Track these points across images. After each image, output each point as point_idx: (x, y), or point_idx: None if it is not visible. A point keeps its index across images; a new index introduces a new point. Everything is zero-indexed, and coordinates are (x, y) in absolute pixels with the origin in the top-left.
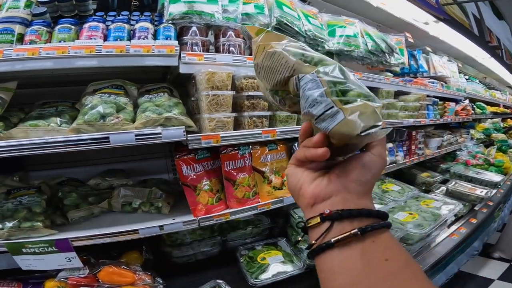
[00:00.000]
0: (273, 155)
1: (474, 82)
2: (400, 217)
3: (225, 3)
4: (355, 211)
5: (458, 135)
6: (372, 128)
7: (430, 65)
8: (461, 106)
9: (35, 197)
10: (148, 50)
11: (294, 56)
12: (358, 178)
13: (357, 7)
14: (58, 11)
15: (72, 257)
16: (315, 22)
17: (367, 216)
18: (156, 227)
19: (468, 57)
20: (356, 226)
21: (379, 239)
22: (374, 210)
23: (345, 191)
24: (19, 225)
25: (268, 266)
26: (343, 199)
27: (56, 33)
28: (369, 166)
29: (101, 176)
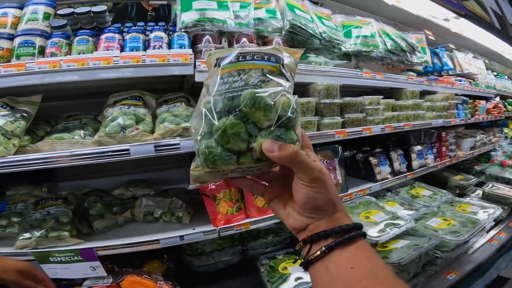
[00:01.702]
0: None
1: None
2: (433, 223)
3: (236, 9)
4: (322, 233)
5: (491, 134)
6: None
7: (455, 62)
8: (492, 104)
9: (62, 208)
10: (163, 60)
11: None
12: (313, 209)
13: (372, 6)
14: (78, 24)
15: (96, 266)
16: (329, 24)
17: (337, 233)
18: (176, 237)
19: (495, 53)
20: (328, 243)
21: (346, 251)
22: (343, 226)
23: (313, 219)
24: (46, 234)
25: (289, 276)
26: (315, 226)
27: (75, 45)
28: (309, 196)
29: (125, 186)
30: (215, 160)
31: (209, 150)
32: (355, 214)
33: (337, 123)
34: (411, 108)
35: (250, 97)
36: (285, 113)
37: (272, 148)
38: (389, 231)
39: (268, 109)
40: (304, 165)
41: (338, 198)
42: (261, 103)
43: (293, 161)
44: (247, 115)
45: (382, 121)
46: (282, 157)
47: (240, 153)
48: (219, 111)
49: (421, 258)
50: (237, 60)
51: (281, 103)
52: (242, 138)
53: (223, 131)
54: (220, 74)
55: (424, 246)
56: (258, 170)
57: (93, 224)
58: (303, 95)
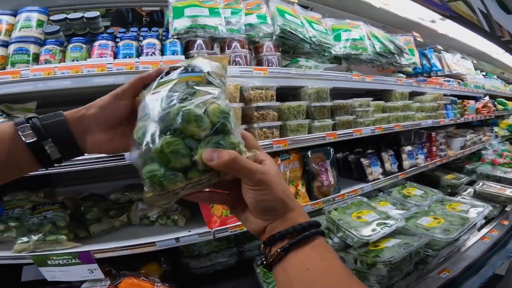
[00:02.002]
0: (286, 164)
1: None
2: (424, 222)
3: (227, 15)
4: (277, 235)
5: (482, 133)
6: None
7: (443, 63)
8: (481, 104)
9: (59, 212)
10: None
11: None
12: (264, 211)
13: (360, 10)
14: (71, 29)
15: (94, 268)
16: (319, 28)
17: (291, 233)
18: (172, 240)
19: (482, 53)
20: (283, 245)
21: (302, 251)
22: (297, 226)
23: (268, 220)
24: (44, 238)
25: None
26: (272, 227)
27: (69, 52)
28: (256, 199)
29: (121, 191)
30: (161, 181)
31: (152, 174)
32: (347, 214)
33: (328, 125)
34: (401, 109)
35: (178, 112)
36: (218, 119)
37: (210, 157)
38: (380, 230)
39: (200, 120)
40: (244, 169)
41: (289, 196)
42: (191, 116)
43: (232, 166)
44: (182, 131)
45: (372, 122)
46: (221, 164)
47: (186, 169)
48: (153, 134)
49: (412, 256)
50: (160, 78)
51: (212, 111)
52: (182, 154)
53: (160, 152)
54: (146, 97)
55: (414, 245)
56: (208, 181)
57: (90, 228)
58: (294, 99)
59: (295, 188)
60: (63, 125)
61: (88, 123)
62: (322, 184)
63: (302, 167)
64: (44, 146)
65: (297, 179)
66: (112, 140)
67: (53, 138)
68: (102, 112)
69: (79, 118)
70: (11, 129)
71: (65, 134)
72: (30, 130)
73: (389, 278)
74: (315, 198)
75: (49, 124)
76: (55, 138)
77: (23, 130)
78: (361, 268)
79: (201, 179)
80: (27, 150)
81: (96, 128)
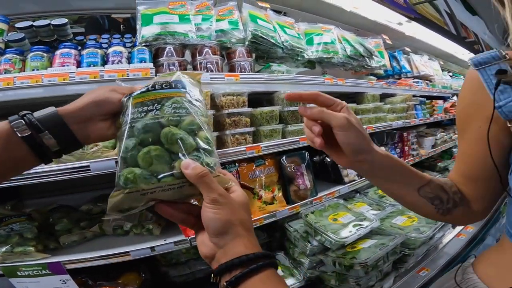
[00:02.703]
0: (261, 170)
1: (459, 78)
2: (399, 221)
3: (198, 22)
4: (224, 266)
5: (452, 132)
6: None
7: (412, 65)
8: (449, 103)
9: (26, 224)
10: (122, 75)
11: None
12: (214, 231)
13: (332, 14)
14: (38, 37)
15: (66, 279)
16: (292, 32)
17: (237, 265)
18: (147, 249)
19: (449, 54)
20: (230, 278)
21: (249, 283)
22: (242, 257)
23: (218, 245)
24: (12, 249)
25: None
26: (220, 254)
27: (29, 61)
28: (209, 217)
29: (93, 202)
30: (135, 178)
31: (130, 170)
32: (324, 217)
33: (302, 129)
34: (372, 111)
35: (169, 135)
36: (203, 145)
37: (187, 166)
38: (355, 231)
39: (185, 144)
40: (206, 185)
41: (244, 224)
42: (179, 140)
43: (200, 180)
44: (168, 148)
45: None
46: (192, 175)
47: (163, 175)
48: (138, 143)
49: (389, 256)
50: (147, 90)
51: (200, 136)
52: (165, 160)
53: (146, 153)
54: (133, 104)
55: (389, 245)
56: (179, 188)
57: (60, 239)
58: (268, 104)
59: (271, 193)
60: (57, 117)
61: (86, 113)
62: (299, 188)
63: (278, 172)
64: (42, 139)
65: (273, 184)
66: (111, 127)
67: (49, 130)
68: (99, 101)
69: (73, 111)
70: (6, 126)
71: (60, 125)
72: (24, 125)
73: (368, 279)
74: (292, 202)
75: (43, 117)
76: (52, 130)
77: (17, 125)
78: (340, 270)
79: (172, 184)
80: (24, 145)
81: (96, 116)
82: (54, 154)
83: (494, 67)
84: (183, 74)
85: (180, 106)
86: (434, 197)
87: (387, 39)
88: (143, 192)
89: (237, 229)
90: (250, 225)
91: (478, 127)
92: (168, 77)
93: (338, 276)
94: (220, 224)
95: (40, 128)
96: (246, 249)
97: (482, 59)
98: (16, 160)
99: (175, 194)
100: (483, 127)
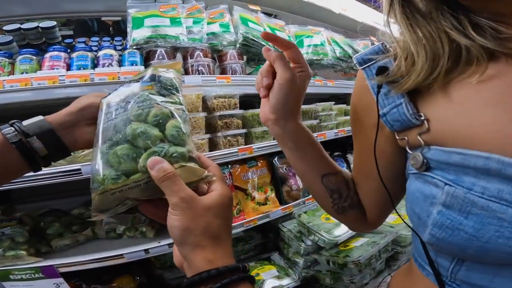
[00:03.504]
0: (254, 171)
1: None
2: (390, 219)
3: (189, 25)
4: (190, 280)
5: None
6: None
7: None
8: None
9: (17, 228)
10: (113, 78)
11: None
12: (176, 239)
13: (323, 16)
14: (26, 39)
15: (60, 283)
16: (282, 35)
17: (206, 279)
18: (141, 251)
19: None
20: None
21: None
22: (212, 271)
23: (183, 257)
24: (3, 253)
25: (263, 282)
26: (186, 266)
27: (18, 64)
28: (170, 224)
29: (85, 206)
30: (103, 180)
31: (96, 172)
32: (317, 216)
33: None
34: None
35: (131, 131)
36: (171, 134)
37: (152, 165)
38: (348, 230)
39: (151, 136)
40: (168, 188)
41: (208, 230)
42: (139, 134)
43: (161, 183)
44: (134, 143)
45: (335, 125)
46: (154, 177)
47: (131, 173)
48: (110, 142)
49: (380, 254)
50: (116, 89)
51: (169, 126)
52: (131, 157)
53: (113, 154)
54: (102, 108)
55: (381, 243)
56: (145, 184)
57: (52, 243)
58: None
59: (264, 194)
60: (44, 124)
61: (71, 118)
62: (291, 188)
63: (271, 173)
64: (31, 144)
65: (266, 185)
66: None
67: (37, 136)
68: (83, 107)
69: (59, 117)
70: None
71: (48, 131)
72: (14, 131)
73: (362, 277)
74: (285, 202)
75: (31, 124)
76: (40, 135)
77: (7, 132)
78: (334, 269)
79: (138, 180)
80: (15, 151)
81: (81, 121)
82: (43, 160)
83: (378, 64)
84: (157, 67)
85: (144, 99)
86: (335, 189)
87: (375, 41)
88: (112, 191)
89: (196, 238)
90: (219, 232)
91: (365, 136)
92: (141, 74)
93: (333, 274)
94: (178, 232)
95: (28, 134)
96: (208, 263)
97: (366, 55)
98: (6, 166)
99: (144, 191)
100: (371, 137)
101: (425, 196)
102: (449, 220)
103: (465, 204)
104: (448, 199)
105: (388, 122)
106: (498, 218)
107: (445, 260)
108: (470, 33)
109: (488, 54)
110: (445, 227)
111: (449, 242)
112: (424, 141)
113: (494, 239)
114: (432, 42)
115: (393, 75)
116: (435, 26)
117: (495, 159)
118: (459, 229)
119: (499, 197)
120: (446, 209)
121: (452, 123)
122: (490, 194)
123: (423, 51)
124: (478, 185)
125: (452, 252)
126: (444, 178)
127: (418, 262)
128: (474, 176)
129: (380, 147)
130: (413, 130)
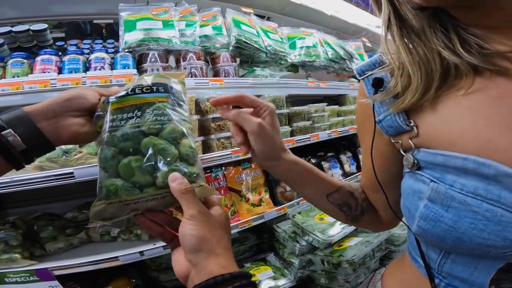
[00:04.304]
0: (247, 173)
1: None
2: None
3: (182, 28)
4: (198, 287)
5: None
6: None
7: None
8: None
9: (11, 232)
10: (105, 81)
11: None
12: (189, 248)
13: (315, 18)
14: (17, 42)
15: (55, 285)
16: (275, 37)
17: (212, 286)
18: (136, 253)
19: None
20: None
21: None
22: (218, 277)
23: (192, 265)
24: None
25: (259, 283)
26: (194, 273)
27: (9, 68)
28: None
29: (78, 209)
30: (117, 190)
31: (112, 182)
32: (311, 217)
33: (286, 132)
34: (354, 112)
35: (149, 146)
36: (186, 154)
37: (174, 179)
38: (341, 229)
39: (169, 154)
40: (187, 201)
41: (221, 241)
42: (160, 151)
43: (181, 196)
44: (150, 158)
45: (328, 126)
46: (175, 190)
47: (145, 185)
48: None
49: (374, 253)
50: (126, 94)
51: (183, 145)
52: (147, 171)
53: (127, 165)
54: (111, 110)
55: (374, 242)
56: (162, 198)
57: (46, 246)
58: None
59: (258, 195)
60: (22, 115)
61: (55, 108)
62: (285, 189)
63: (265, 174)
64: (6, 138)
65: (260, 186)
66: (86, 125)
67: (13, 128)
68: (70, 97)
69: (40, 107)
70: None
71: (25, 123)
72: None
73: (357, 276)
74: (279, 203)
75: (7, 116)
76: (16, 128)
77: None
78: (329, 269)
79: (155, 194)
80: None
81: (67, 112)
82: (22, 156)
83: (375, 75)
84: (166, 76)
85: (161, 113)
86: (342, 203)
87: (367, 42)
88: (126, 202)
89: (212, 247)
90: (228, 244)
91: (368, 140)
92: (148, 78)
93: (328, 274)
94: (195, 240)
95: (3, 127)
96: (222, 268)
97: (364, 66)
98: None
99: (158, 204)
100: (371, 140)
101: (414, 191)
102: (432, 212)
103: (446, 198)
104: (432, 194)
105: (384, 127)
106: (473, 211)
107: (434, 253)
108: (459, 50)
109: (474, 69)
110: (429, 219)
111: (431, 233)
112: (414, 144)
113: (469, 231)
114: (427, 63)
115: (390, 92)
116: (429, 47)
117: (472, 159)
118: (440, 221)
119: (475, 193)
120: (431, 203)
121: (436, 129)
122: (468, 190)
123: (419, 72)
124: (458, 182)
125: (435, 243)
126: (431, 176)
127: (412, 255)
128: (455, 174)
129: (381, 151)
130: (405, 135)
